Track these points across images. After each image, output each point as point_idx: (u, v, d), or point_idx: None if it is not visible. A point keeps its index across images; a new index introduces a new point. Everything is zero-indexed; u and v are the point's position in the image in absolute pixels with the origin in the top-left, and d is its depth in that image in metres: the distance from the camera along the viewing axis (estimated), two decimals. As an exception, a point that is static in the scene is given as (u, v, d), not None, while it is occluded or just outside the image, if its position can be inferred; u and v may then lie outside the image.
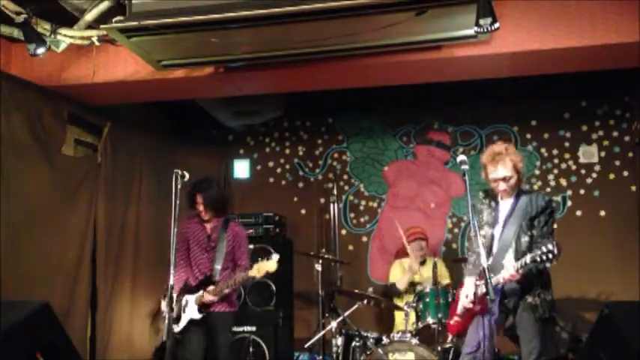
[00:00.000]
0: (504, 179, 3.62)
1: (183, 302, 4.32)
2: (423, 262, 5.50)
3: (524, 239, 3.59)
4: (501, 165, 3.61)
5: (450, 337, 4.54)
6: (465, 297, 3.68)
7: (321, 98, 6.12)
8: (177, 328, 4.32)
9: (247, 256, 4.51)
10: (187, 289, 4.31)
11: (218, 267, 4.33)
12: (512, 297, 3.62)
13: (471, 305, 3.64)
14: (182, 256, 4.42)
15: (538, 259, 3.31)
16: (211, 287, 4.22)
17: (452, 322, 3.91)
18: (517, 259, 3.51)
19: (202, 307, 4.23)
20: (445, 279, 5.36)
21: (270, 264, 4.16)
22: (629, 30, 4.11)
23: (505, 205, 3.73)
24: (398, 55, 4.44)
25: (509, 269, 3.44)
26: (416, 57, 4.45)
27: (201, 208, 4.37)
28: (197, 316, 4.21)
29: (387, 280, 5.72)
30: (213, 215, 4.42)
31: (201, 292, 4.23)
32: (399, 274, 5.50)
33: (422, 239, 5.50)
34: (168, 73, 4.75)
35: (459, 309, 3.81)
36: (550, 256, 3.28)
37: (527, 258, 3.36)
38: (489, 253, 3.69)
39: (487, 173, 3.70)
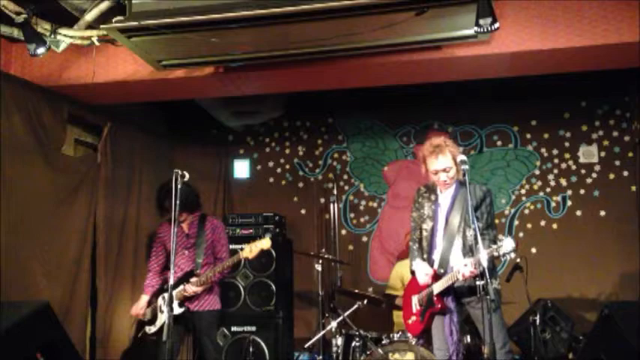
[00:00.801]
0: (444, 170, 3.66)
1: (159, 303, 4.42)
2: None
3: (469, 232, 3.58)
4: (441, 155, 3.66)
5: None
6: (424, 275, 3.68)
7: (321, 98, 6.13)
8: (153, 329, 4.42)
9: (227, 249, 4.63)
10: (164, 290, 4.39)
11: (199, 261, 4.42)
12: (465, 291, 3.63)
13: (425, 282, 3.66)
14: (159, 261, 4.61)
15: (495, 253, 3.30)
16: (194, 278, 4.30)
17: (410, 321, 3.89)
18: (465, 253, 3.54)
19: (183, 301, 4.31)
20: None
21: (264, 241, 4.26)
22: (629, 30, 4.11)
23: (445, 197, 3.76)
24: (398, 55, 4.44)
25: (469, 267, 3.40)
26: (416, 57, 4.45)
27: (177, 214, 4.38)
28: (177, 311, 4.25)
29: (388, 280, 5.76)
30: (187, 214, 4.48)
31: (181, 287, 4.30)
32: (397, 279, 5.57)
33: None
34: (168, 73, 4.75)
35: (415, 306, 3.82)
36: (508, 250, 3.26)
37: (484, 255, 3.29)
38: (432, 245, 3.74)
39: (427, 165, 3.74)
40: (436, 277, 3.67)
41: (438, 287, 3.63)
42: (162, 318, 4.33)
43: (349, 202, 6.64)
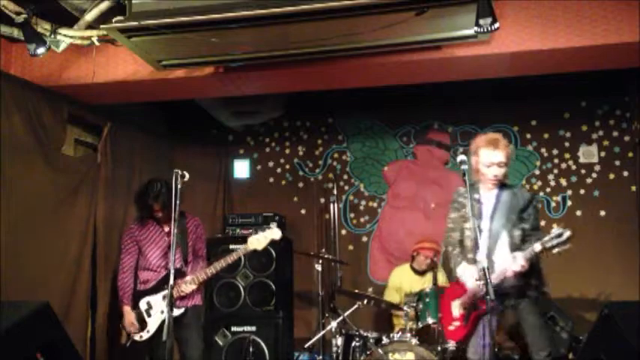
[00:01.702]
0: (499, 164, 3.59)
1: (143, 306, 4.31)
2: (423, 273, 5.55)
3: (517, 232, 3.56)
4: (498, 150, 3.59)
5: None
6: (473, 279, 3.50)
7: (321, 98, 6.13)
8: (146, 335, 4.26)
9: (205, 246, 4.64)
10: (147, 292, 4.32)
11: (182, 261, 4.34)
12: (512, 294, 3.57)
13: (475, 286, 3.48)
14: (132, 260, 4.47)
15: (549, 244, 3.25)
16: (189, 277, 4.23)
17: (452, 327, 3.77)
18: (513, 252, 3.46)
19: (175, 301, 4.13)
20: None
21: (274, 231, 4.17)
22: (629, 30, 4.11)
23: (488, 197, 3.69)
24: (398, 55, 4.44)
25: (519, 260, 3.36)
26: (416, 57, 4.45)
27: (160, 215, 4.38)
28: (175, 312, 4.11)
29: (387, 286, 5.79)
30: (167, 213, 4.36)
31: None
32: (396, 282, 5.62)
33: (428, 256, 5.49)
34: (168, 73, 4.75)
35: (457, 311, 3.72)
36: (564, 239, 3.23)
37: (537, 246, 3.28)
38: (476, 245, 3.60)
39: (480, 157, 3.64)
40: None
41: (485, 287, 3.45)
42: (153, 322, 4.25)
43: (349, 202, 6.64)
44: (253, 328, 5.61)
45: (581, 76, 5.09)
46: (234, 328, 5.65)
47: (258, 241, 4.19)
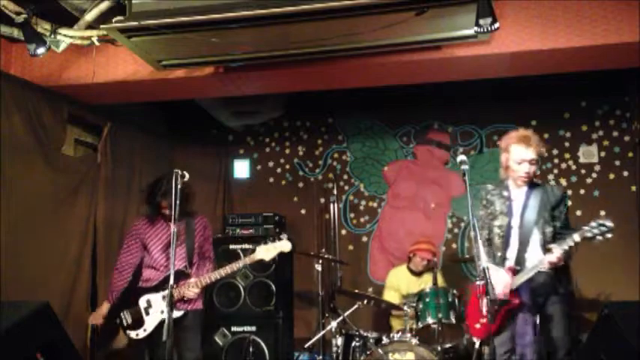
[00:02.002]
0: (530, 162, 3.56)
1: (143, 304, 4.15)
2: (420, 274, 5.55)
3: (549, 229, 3.52)
4: (531, 147, 3.55)
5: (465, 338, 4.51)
6: (502, 285, 3.44)
7: (321, 98, 6.13)
8: (142, 333, 4.11)
9: (212, 247, 4.47)
10: (148, 290, 4.18)
11: (187, 262, 4.20)
12: (542, 290, 3.51)
13: (504, 296, 3.44)
14: (132, 258, 4.32)
15: (589, 234, 3.21)
16: (193, 279, 4.09)
17: (478, 325, 3.65)
18: (545, 250, 3.42)
19: (175, 303, 4.02)
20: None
21: (284, 244, 4.07)
22: (629, 30, 4.11)
23: (518, 195, 3.64)
24: (398, 55, 4.44)
25: (555, 253, 3.32)
26: (416, 57, 4.45)
27: (168, 212, 4.19)
28: (174, 314, 3.98)
29: (384, 287, 5.79)
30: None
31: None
32: (394, 283, 5.62)
33: (424, 258, 5.48)
34: (168, 73, 4.75)
35: (485, 307, 3.48)
36: (605, 229, 3.19)
37: (576, 236, 3.24)
38: (507, 243, 3.60)
39: (510, 154, 3.60)
40: (514, 273, 3.53)
41: (517, 280, 3.49)
42: (150, 321, 4.13)
43: (349, 202, 6.64)
44: (253, 328, 5.61)
45: (581, 76, 5.09)
46: (234, 328, 5.65)
47: (267, 251, 4.08)
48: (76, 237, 5.07)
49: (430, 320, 4.68)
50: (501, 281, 3.52)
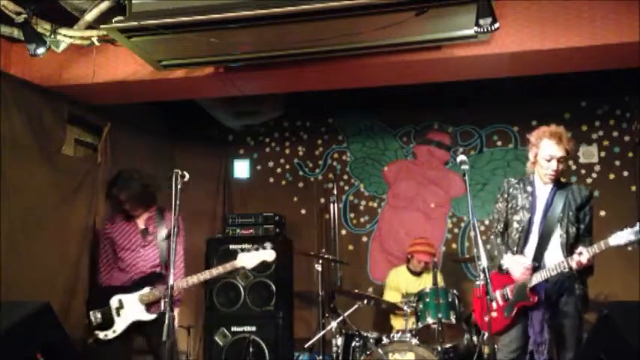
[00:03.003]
0: (559, 159, 3.51)
1: (114, 304, 4.04)
2: (420, 273, 5.55)
3: (572, 230, 3.48)
4: (562, 144, 3.48)
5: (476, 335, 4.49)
6: (523, 269, 3.41)
7: (321, 98, 6.12)
8: (111, 334, 4.00)
9: (182, 248, 4.30)
10: (118, 290, 4.08)
11: (161, 261, 4.11)
12: (559, 290, 3.49)
13: (524, 278, 3.40)
14: (108, 260, 4.26)
15: (624, 241, 3.18)
16: (181, 281, 3.95)
17: (487, 318, 3.51)
18: (567, 249, 3.39)
19: (149, 306, 4.00)
20: None
21: (267, 253, 3.99)
22: (629, 30, 4.11)
23: (543, 191, 3.60)
24: (398, 55, 4.44)
25: (585, 255, 3.28)
26: (416, 57, 4.45)
27: (127, 206, 4.16)
28: (146, 317, 3.99)
29: (385, 286, 5.79)
30: (142, 209, 4.23)
31: (146, 289, 4.02)
32: (394, 283, 5.61)
33: (421, 260, 5.48)
34: (168, 73, 4.75)
35: (500, 301, 3.55)
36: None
37: (610, 241, 3.20)
38: (526, 239, 3.56)
39: (540, 149, 3.54)
40: (532, 270, 3.49)
41: (537, 277, 3.45)
42: (121, 322, 4.02)
43: (349, 202, 6.64)
44: (253, 328, 5.62)
45: (581, 76, 5.08)
46: (234, 328, 5.66)
47: (249, 259, 4.02)
48: (76, 237, 5.06)
49: (430, 320, 4.69)
50: (520, 266, 3.47)
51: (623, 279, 5.58)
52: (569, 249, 3.45)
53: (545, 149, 3.54)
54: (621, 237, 3.24)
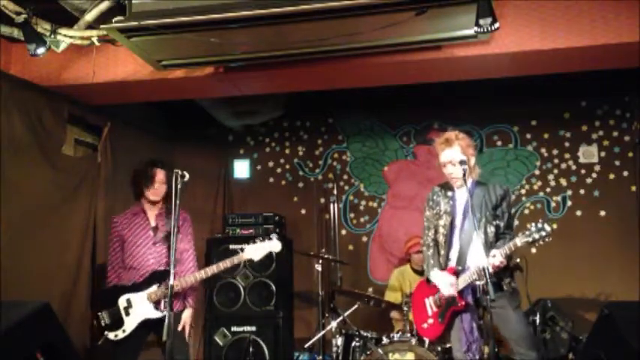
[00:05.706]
0: (451, 162, 3.62)
1: (122, 304, 3.99)
2: (423, 271, 5.54)
3: (491, 229, 3.56)
4: (448, 148, 3.63)
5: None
6: (449, 286, 3.55)
7: (321, 98, 6.12)
8: (121, 334, 3.95)
9: (192, 245, 4.29)
10: (128, 289, 4.03)
11: (172, 259, 3.92)
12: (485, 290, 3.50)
13: (451, 293, 3.54)
14: (118, 257, 4.18)
15: (530, 239, 3.25)
16: (189, 277, 3.96)
17: (426, 325, 3.80)
18: (487, 249, 3.43)
19: (158, 304, 3.97)
20: None
21: (274, 244, 3.99)
22: (629, 30, 4.11)
23: (461, 194, 3.69)
24: (398, 55, 4.44)
25: (498, 257, 3.36)
26: (416, 57, 4.45)
27: (163, 188, 4.10)
28: (154, 314, 3.94)
29: (387, 286, 5.78)
30: (163, 199, 4.17)
31: (154, 287, 3.98)
32: (396, 283, 5.60)
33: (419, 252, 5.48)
34: (168, 73, 4.75)
35: (431, 308, 3.75)
36: (544, 234, 3.23)
37: (517, 241, 3.29)
38: (450, 243, 3.66)
39: (439, 158, 3.71)
40: (456, 274, 3.59)
41: (461, 282, 3.53)
42: (130, 321, 3.97)
43: (349, 202, 6.64)
44: (253, 328, 5.61)
45: (581, 76, 5.09)
46: (234, 328, 5.66)
47: (256, 251, 4.00)
48: (76, 237, 5.06)
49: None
50: (447, 283, 3.60)
51: (623, 279, 5.58)
52: (490, 248, 3.49)
53: (440, 156, 3.70)
54: (527, 235, 3.29)
